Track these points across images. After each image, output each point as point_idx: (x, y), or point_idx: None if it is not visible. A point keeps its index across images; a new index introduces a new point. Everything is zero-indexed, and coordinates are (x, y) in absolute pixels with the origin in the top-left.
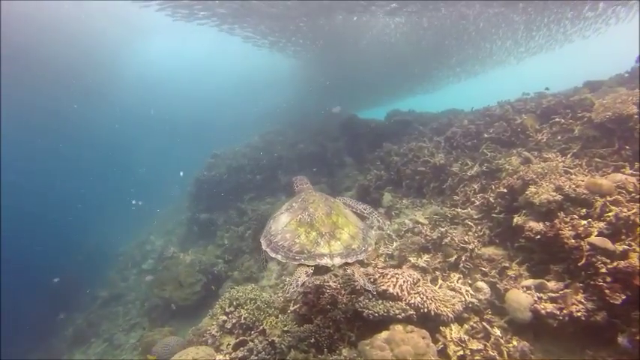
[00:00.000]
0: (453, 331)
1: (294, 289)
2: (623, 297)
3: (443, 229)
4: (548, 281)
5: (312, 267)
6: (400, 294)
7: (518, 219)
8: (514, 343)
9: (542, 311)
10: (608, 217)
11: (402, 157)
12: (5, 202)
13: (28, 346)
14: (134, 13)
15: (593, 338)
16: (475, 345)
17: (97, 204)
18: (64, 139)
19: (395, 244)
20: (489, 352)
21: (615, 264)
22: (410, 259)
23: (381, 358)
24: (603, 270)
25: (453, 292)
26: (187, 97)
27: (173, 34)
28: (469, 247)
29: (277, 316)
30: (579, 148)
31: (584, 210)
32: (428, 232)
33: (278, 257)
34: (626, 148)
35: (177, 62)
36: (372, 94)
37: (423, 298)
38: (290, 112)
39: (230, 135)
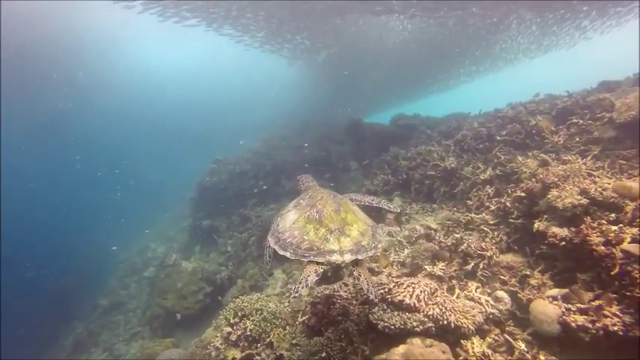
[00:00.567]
0: (475, 345)
1: (304, 288)
2: None
3: (458, 236)
4: (578, 291)
5: (322, 266)
6: (417, 305)
7: (539, 224)
8: (542, 358)
9: (573, 324)
10: None
11: (410, 161)
12: (4, 208)
13: (26, 356)
14: (135, 17)
15: (630, 354)
16: None
17: (97, 210)
18: (62, 144)
19: (406, 251)
20: None
21: None
22: (425, 267)
23: None
24: None
25: (472, 303)
26: (189, 103)
27: (174, 38)
28: (487, 254)
29: (285, 328)
30: (600, 150)
31: (613, 215)
32: (442, 239)
33: (287, 254)
34: None
35: (177, 67)
36: (380, 97)
37: (442, 309)
38: (294, 116)
39: (233, 140)
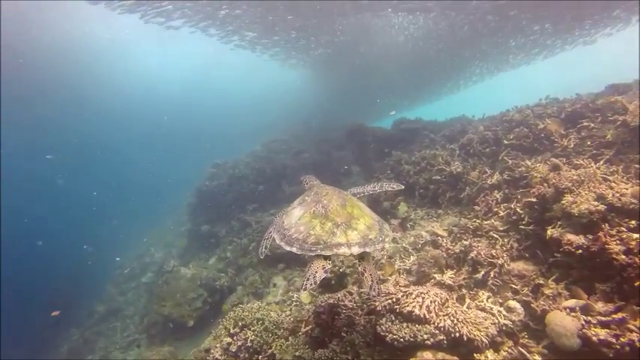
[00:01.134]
0: (489, 359)
1: (311, 285)
2: None
3: (466, 242)
4: (595, 302)
5: (330, 262)
6: (428, 316)
7: (552, 231)
8: None
9: (594, 338)
10: None
11: (414, 165)
12: (5, 208)
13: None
14: (136, 21)
15: None
16: None
17: (95, 214)
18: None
19: (412, 259)
20: None
21: None
22: (434, 276)
23: None
24: None
25: (484, 313)
26: (189, 107)
27: (173, 43)
28: (498, 262)
29: (287, 339)
30: (613, 154)
31: (634, 222)
32: (449, 246)
33: (293, 250)
34: None
35: (177, 71)
36: (384, 100)
37: (453, 321)
38: (294, 120)
39: (233, 144)
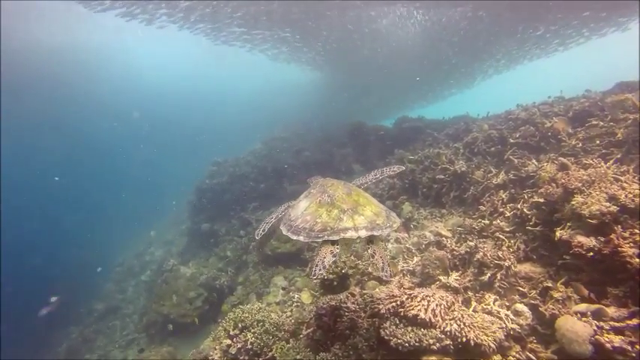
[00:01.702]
0: None
1: (320, 270)
2: None
3: (472, 243)
4: (607, 307)
5: (337, 247)
6: (433, 320)
7: (561, 233)
8: None
9: (608, 345)
10: None
11: (417, 164)
12: (4, 208)
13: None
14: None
15: None
16: None
17: (94, 212)
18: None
19: (415, 259)
20: None
21: None
22: (439, 278)
23: None
24: None
25: (491, 317)
26: (189, 105)
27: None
28: (504, 263)
29: (288, 341)
30: (623, 153)
31: None
32: (454, 247)
33: (300, 238)
34: None
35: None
36: (388, 99)
37: (460, 325)
38: (295, 118)
39: (233, 142)
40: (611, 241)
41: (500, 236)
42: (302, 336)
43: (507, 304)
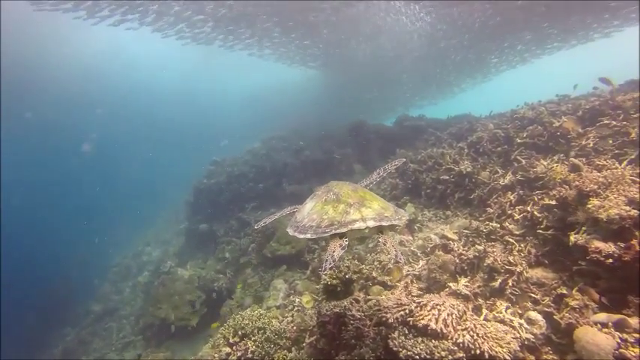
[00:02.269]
0: None
1: (330, 264)
2: None
3: (480, 247)
4: (630, 317)
5: (346, 239)
6: (445, 330)
7: (577, 237)
8: None
9: None
10: None
11: (419, 164)
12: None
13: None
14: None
15: None
16: None
17: (91, 213)
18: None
19: (421, 263)
20: None
21: None
22: (450, 285)
23: None
24: None
25: (504, 326)
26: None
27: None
28: (516, 269)
29: (290, 350)
30: (638, 154)
31: None
32: (462, 251)
33: (307, 236)
34: None
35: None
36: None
37: (473, 336)
38: (294, 117)
39: (232, 141)
40: (632, 247)
41: (510, 240)
42: (305, 344)
43: (520, 311)
